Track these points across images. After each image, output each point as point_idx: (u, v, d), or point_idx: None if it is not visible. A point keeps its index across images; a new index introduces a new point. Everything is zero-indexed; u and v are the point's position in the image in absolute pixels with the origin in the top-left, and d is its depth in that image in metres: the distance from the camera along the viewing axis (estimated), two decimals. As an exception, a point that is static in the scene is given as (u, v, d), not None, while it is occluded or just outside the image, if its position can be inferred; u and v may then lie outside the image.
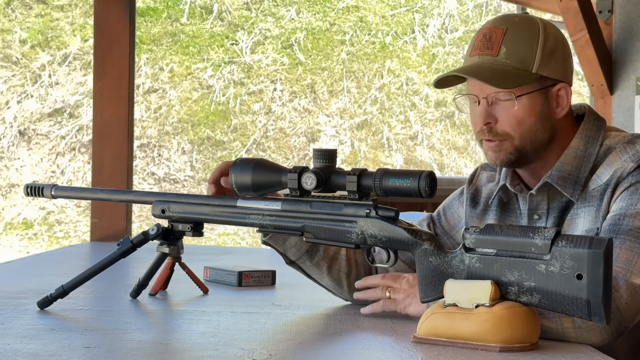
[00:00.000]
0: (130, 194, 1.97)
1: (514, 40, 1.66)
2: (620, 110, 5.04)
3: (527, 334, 1.42)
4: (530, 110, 1.67)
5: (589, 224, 1.66)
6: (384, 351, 1.45)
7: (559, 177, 1.68)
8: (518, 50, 1.66)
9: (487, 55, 1.66)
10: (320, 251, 1.84)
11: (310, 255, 1.83)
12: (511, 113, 1.66)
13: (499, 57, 1.66)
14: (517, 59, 1.65)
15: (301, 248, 1.82)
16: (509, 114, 1.66)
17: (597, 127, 1.73)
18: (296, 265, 1.86)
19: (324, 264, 1.85)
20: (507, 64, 1.65)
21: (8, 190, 9.55)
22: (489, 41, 1.67)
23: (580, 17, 4.82)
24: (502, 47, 1.66)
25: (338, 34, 10.91)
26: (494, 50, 1.66)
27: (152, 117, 10.09)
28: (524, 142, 1.67)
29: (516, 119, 1.66)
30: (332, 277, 1.86)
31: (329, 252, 1.85)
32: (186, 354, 1.40)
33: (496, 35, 1.67)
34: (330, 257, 1.85)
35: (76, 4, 10.71)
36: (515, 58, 1.65)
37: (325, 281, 1.87)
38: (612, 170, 1.65)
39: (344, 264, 1.85)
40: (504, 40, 1.66)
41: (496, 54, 1.66)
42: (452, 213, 1.90)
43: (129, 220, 3.80)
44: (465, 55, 1.73)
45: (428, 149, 10.20)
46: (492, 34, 1.67)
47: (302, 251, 1.82)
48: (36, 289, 1.97)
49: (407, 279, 1.72)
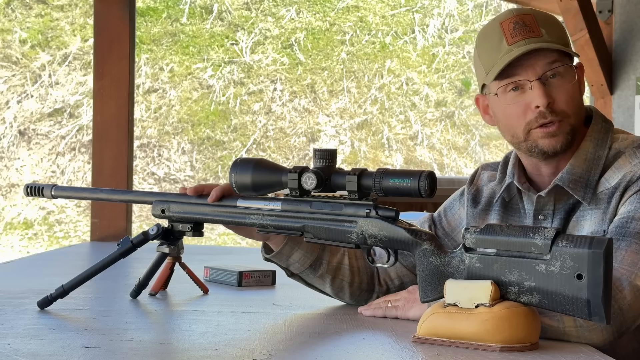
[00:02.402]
0: (130, 194, 1.97)
1: (545, 22, 1.67)
2: (620, 110, 5.04)
3: (527, 334, 1.42)
4: (576, 85, 1.68)
5: (595, 226, 1.65)
6: (384, 351, 1.45)
7: (570, 180, 1.68)
8: (555, 31, 1.67)
9: (533, 37, 1.64)
10: (323, 264, 1.82)
11: (313, 269, 1.82)
12: (566, 89, 1.65)
13: (544, 37, 1.65)
14: (557, 38, 1.66)
15: (304, 263, 1.81)
16: (564, 90, 1.65)
17: (605, 129, 1.72)
18: (298, 277, 1.86)
19: (327, 276, 1.83)
20: (553, 41, 1.65)
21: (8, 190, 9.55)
22: (526, 26, 1.65)
23: (580, 17, 4.82)
24: (541, 29, 1.65)
25: (338, 34, 10.91)
26: (537, 32, 1.65)
27: (152, 117, 10.09)
28: (577, 120, 1.68)
29: (570, 94, 1.66)
30: (335, 286, 1.85)
31: (332, 264, 1.83)
32: (186, 354, 1.40)
33: (530, 21, 1.66)
34: (334, 269, 1.83)
35: (76, 4, 10.71)
36: (557, 37, 1.66)
37: (328, 290, 1.87)
38: (622, 174, 1.65)
39: (347, 273, 1.84)
40: (539, 24, 1.66)
41: (540, 35, 1.65)
42: (453, 214, 1.90)
43: (129, 220, 3.80)
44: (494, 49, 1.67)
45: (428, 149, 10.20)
46: (524, 20, 1.66)
47: (306, 266, 1.81)
48: (36, 289, 1.97)
49: (407, 289, 1.75)
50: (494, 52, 1.67)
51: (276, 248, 1.80)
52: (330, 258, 1.82)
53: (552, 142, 1.65)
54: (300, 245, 1.79)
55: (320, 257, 1.81)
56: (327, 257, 1.82)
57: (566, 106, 1.65)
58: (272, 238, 1.79)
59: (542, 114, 1.64)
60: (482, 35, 1.72)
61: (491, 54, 1.67)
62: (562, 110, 1.65)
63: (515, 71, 1.65)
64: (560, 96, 1.65)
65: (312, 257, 1.80)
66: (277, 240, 1.79)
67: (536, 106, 1.64)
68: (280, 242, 1.78)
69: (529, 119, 1.66)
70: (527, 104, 1.65)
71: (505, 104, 1.68)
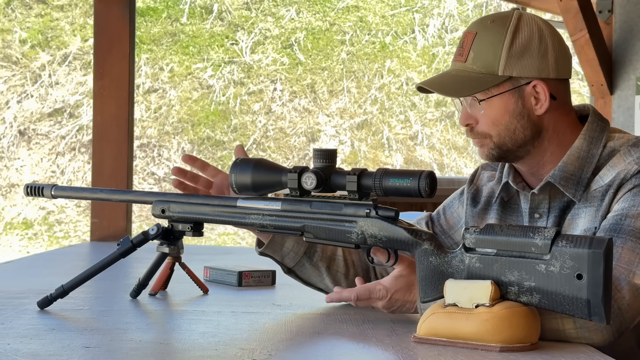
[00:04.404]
0: (130, 194, 1.97)
1: (480, 45, 1.69)
2: (620, 110, 5.04)
3: (527, 334, 1.42)
4: (503, 110, 1.69)
5: (588, 224, 1.66)
6: (384, 351, 1.45)
7: (562, 177, 1.69)
8: (483, 55, 1.68)
9: (459, 61, 1.71)
10: (318, 252, 1.86)
11: (308, 257, 1.85)
12: (484, 114, 1.70)
13: (467, 64, 1.70)
14: (482, 64, 1.68)
15: (299, 252, 1.83)
16: (484, 114, 1.70)
17: (600, 128, 1.73)
18: (294, 274, 1.89)
19: (322, 265, 1.86)
20: (473, 69, 1.69)
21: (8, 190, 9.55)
22: (461, 47, 1.72)
23: (580, 17, 4.82)
24: (470, 53, 1.70)
25: (338, 34, 10.91)
26: (464, 57, 1.71)
27: (152, 117, 10.09)
28: (502, 140, 1.71)
29: (490, 119, 1.70)
30: (331, 277, 1.87)
31: (327, 253, 1.86)
32: (186, 354, 1.40)
33: (467, 41, 1.71)
34: (328, 258, 1.87)
35: (76, 4, 10.71)
36: (481, 63, 1.69)
37: (326, 283, 1.88)
38: (616, 172, 1.65)
39: (342, 265, 1.87)
40: (472, 46, 1.70)
41: (464, 60, 1.70)
42: (452, 213, 1.91)
43: (129, 220, 3.80)
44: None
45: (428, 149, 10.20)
46: (464, 39, 1.72)
47: (300, 254, 1.84)
48: (36, 289, 1.97)
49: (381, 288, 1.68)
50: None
51: (267, 239, 1.83)
52: (324, 247, 1.86)
53: (479, 151, 1.76)
54: None
55: (313, 244, 1.84)
56: (320, 246, 1.85)
57: (487, 129, 1.71)
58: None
59: (466, 131, 1.75)
60: None
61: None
62: (482, 131, 1.72)
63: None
64: (481, 119, 1.71)
65: (305, 244, 1.83)
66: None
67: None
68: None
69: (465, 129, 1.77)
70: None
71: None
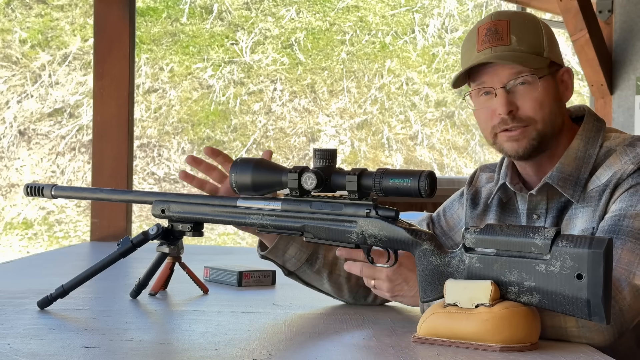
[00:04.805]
0: (130, 194, 1.97)
1: (520, 29, 1.68)
2: (620, 110, 5.04)
3: (527, 334, 1.42)
4: (548, 92, 1.68)
5: (586, 224, 1.66)
6: (384, 351, 1.45)
7: (560, 178, 1.69)
8: (528, 38, 1.68)
9: (500, 45, 1.67)
10: (320, 258, 1.84)
11: (310, 264, 1.84)
12: (533, 97, 1.67)
13: (512, 46, 1.67)
14: (529, 45, 1.67)
15: (301, 258, 1.82)
16: (531, 97, 1.67)
17: (596, 128, 1.73)
18: (295, 276, 1.87)
19: (324, 271, 1.85)
20: (521, 50, 1.67)
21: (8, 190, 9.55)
22: (496, 33, 1.68)
23: (580, 17, 4.82)
24: (512, 37, 1.68)
25: (338, 33, 10.91)
26: (506, 40, 1.67)
27: (152, 117, 10.09)
28: (546, 126, 1.68)
29: (537, 101, 1.67)
30: (333, 282, 1.86)
31: (329, 258, 1.85)
32: (186, 354, 1.40)
33: (502, 28, 1.68)
34: (330, 263, 1.85)
35: (76, 4, 10.71)
36: (528, 44, 1.67)
37: (326, 287, 1.87)
38: (612, 171, 1.66)
39: (344, 269, 1.85)
40: (512, 30, 1.68)
41: (509, 42, 1.67)
42: (452, 214, 1.91)
43: (129, 220, 3.80)
44: (468, 52, 1.72)
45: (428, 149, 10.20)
46: (497, 27, 1.69)
47: (302, 261, 1.83)
48: (36, 289, 1.97)
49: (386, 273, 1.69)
50: (467, 55, 1.73)
51: (270, 243, 1.82)
52: (326, 253, 1.84)
53: (514, 146, 1.69)
54: (295, 239, 1.81)
55: (316, 251, 1.83)
56: (322, 252, 1.84)
57: (532, 113, 1.68)
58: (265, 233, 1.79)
59: (504, 121, 1.68)
60: (466, 37, 1.78)
61: (465, 57, 1.74)
62: (527, 116, 1.68)
63: (482, 78, 1.70)
64: (525, 103, 1.67)
65: (308, 251, 1.82)
66: (271, 236, 1.80)
67: (499, 113, 1.68)
68: (274, 237, 1.80)
69: (494, 123, 1.70)
70: (493, 109, 1.70)
71: (476, 107, 1.73)
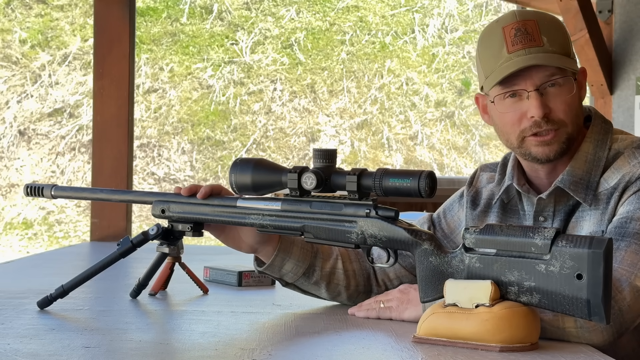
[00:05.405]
0: (130, 194, 1.97)
1: (549, 29, 1.65)
2: (620, 110, 5.04)
3: (527, 334, 1.42)
4: (575, 94, 1.66)
5: (594, 227, 1.65)
6: (384, 351, 1.45)
7: (571, 182, 1.67)
8: (557, 38, 1.65)
9: (534, 47, 1.63)
10: (317, 271, 1.81)
11: (307, 277, 1.81)
12: (564, 99, 1.65)
13: (545, 47, 1.64)
14: (560, 46, 1.65)
15: (298, 272, 1.79)
16: (562, 99, 1.64)
17: (605, 130, 1.72)
18: (293, 286, 1.85)
19: (322, 282, 1.82)
20: (555, 51, 1.64)
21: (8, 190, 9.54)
22: (527, 33, 1.64)
23: (580, 17, 4.81)
24: (543, 37, 1.64)
25: (338, 33, 10.91)
26: (538, 41, 1.63)
27: (152, 117, 10.09)
28: (574, 128, 1.67)
29: (567, 103, 1.65)
30: (331, 291, 1.84)
31: (326, 269, 1.82)
32: (186, 354, 1.40)
33: (532, 28, 1.64)
34: (328, 274, 1.82)
35: (76, 4, 10.71)
36: (559, 45, 1.65)
37: (324, 296, 1.86)
38: (621, 174, 1.65)
39: (342, 277, 1.83)
40: (542, 31, 1.64)
41: (541, 44, 1.64)
42: (452, 216, 1.89)
43: (129, 220, 3.80)
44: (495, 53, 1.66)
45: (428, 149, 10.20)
46: (526, 27, 1.64)
47: (299, 275, 1.80)
48: (36, 289, 1.97)
49: (398, 288, 1.73)
50: (494, 57, 1.67)
51: (267, 260, 1.78)
52: (323, 264, 1.81)
53: (545, 150, 1.66)
54: (291, 255, 1.78)
55: (312, 264, 1.80)
56: (319, 264, 1.81)
57: (564, 115, 1.65)
58: (260, 250, 1.77)
59: (537, 124, 1.64)
60: (484, 36, 1.71)
61: (491, 60, 1.67)
62: (559, 119, 1.65)
63: (513, 80, 1.65)
64: (558, 105, 1.64)
65: (305, 265, 1.79)
66: (267, 252, 1.77)
67: (531, 116, 1.64)
68: (270, 254, 1.77)
69: (523, 127, 1.66)
70: (523, 112, 1.65)
71: (501, 111, 1.68)
